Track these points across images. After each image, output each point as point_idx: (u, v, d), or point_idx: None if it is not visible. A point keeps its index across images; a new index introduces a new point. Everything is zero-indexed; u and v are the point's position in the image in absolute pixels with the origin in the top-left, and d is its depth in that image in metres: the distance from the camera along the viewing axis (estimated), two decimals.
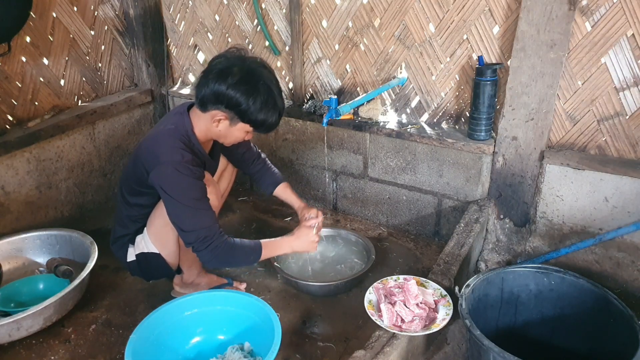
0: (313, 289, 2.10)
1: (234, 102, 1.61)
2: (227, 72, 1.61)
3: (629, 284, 2.08)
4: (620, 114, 1.93)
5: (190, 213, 1.65)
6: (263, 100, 1.63)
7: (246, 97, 1.60)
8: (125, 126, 2.90)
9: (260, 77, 1.63)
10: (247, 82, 1.61)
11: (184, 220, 1.66)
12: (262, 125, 1.70)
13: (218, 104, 1.64)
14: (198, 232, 1.65)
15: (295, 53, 2.56)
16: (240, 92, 1.60)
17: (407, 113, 2.45)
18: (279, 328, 1.58)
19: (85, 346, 1.88)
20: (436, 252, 2.38)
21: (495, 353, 1.39)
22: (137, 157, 1.78)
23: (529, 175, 2.12)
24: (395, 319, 1.62)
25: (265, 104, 1.64)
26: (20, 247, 2.23)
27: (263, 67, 1.67)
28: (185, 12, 2.88)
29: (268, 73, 1.67)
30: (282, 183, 2.14)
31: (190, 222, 1.65)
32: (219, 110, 1.65)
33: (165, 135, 1.72)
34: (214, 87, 1.61)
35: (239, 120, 1.68)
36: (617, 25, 1.81)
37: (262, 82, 1.63)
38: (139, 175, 1.75)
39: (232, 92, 1.60)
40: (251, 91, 1.61)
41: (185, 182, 1.65)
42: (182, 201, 1.64)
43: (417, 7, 2.19)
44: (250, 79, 1.61)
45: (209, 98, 1.64)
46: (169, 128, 1.74)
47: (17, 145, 2.30)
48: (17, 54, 2.37)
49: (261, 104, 1.63)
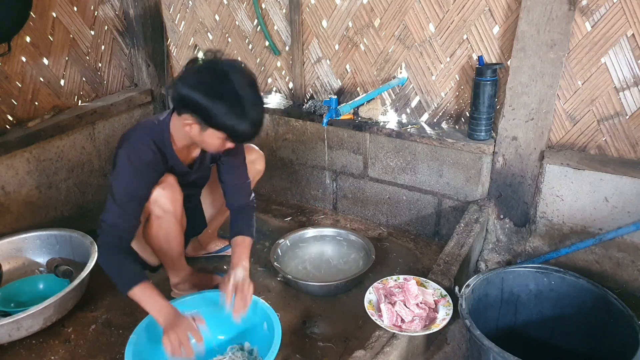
0: (313, 289, 2.10)
1: (199, 106, 1.52)
2: (196, 75, 1.54)
3: (629, 284, 2.08)
4: (620, 114, 1.93)
5: (110, 202, 1.67)
6: (229, 106, 1.52)
7: (212, 102, 1.51)
8: (125, 126, 2.90)
9: (229, 81, 1.52)
10: (214, 87, 1.52)
11: (106, 209, 1.67)
12: (232, 133, 1.58)
13: (186, 108, 1.56)
14: (102, 224, 1.66)
15: (295, 53, 2.56)
16: (207, 96, 1.51)
17: (407, 113, 2.45)
18: (279, 328, 1.58)
19: (85, 346, 1.88)
20: (436, 252, 2.38)
21: (495, 353, 1.39)
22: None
23: (529, 175, 2.12)
24: (395, 319, 1.62)
25: (231, 110, 1.52)
26: (20, 247, 2.23)
27: (237, 71, 1.55)
28: (185, 12, 2.88)
29: (241, 78, 1.55)
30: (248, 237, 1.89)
31: (105, 213, 1.67)
32: (189, 115, 1.58)
33: (141, 127, 1.73)
34: (181, 91, 1.54)
35: (207, 126, 1.57)
36: (617, 25, 1.82)
37: (231, 87, 1.51)
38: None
39: (197, 95, 1.51)
40: (217, 96, 1.51)
41: (126, 172, 1.65)
42: (113, 187, 1.66)
43: (417, 7, 2.19)
44: (217, 83, 1.52)
45: (178, 102, 1.59)
46: (147, 122, 1.75)
47: (17, 145, 2.30)
48: (17, 54, 2.37)
49: (227, 109, 1.52)
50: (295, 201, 2.88)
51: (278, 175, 2.85)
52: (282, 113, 2.66)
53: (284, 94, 2.77)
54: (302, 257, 2.31)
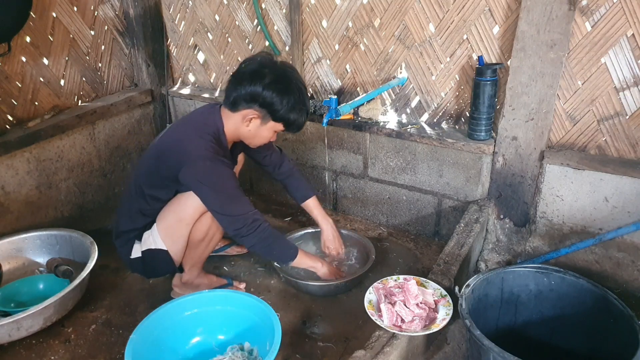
0: (313, 289, 2.10)
1: (269, 101, 1.71)
2: (260, 72, 1.71)
3: (629, 284, 2.08)
4: (620, 114, 1.93)
5: (233, 200, 1.73)
6: (295, 100, 1.74)
7: (280, 97, 1.71)
8: (125, 126, 2.90)
9: (292, 78, 1.75)
10: (281, 82, 1.72)
11: (229, 207, 1.73)
12: (293, 124, 1.80)
13: (252, 102, 1.73)
14: (246, 217, 1.73)
15: (295, 53, 2.56)
16: (276, 91, 1.70)
17: (407, 113, 2.45)
18: (279, 328, 1.58)
19: (85, 346, 1.88)
20: (436, 252, 2.38)
21: (495, 353, 1.39)
22: (162, 150, 1.82)
23: (529, 175, 2.12)
24: (395, 319, 1.62)
25: (297, 104, 1.75)
26: (20, 247, 2.23)
27: (292, 69, 1.79)
28: (185, 12, 2.88)
29: (297, 75, 1.79)
30: (311, 197, 2.21)
31: (236, 208, 1.73)
32: (252, 109, 1.75)
33: (197, 130, 1.79)
34: (249, 87, 1.70)
35: (270, 119, 1.77)
36: (617, 25, 1.81)
37: (294, 83, 1.74)
38: (165, 169, 1.78)
39: (268, 91, 1.70)
40: (285, 91, 1.72)
41: (224, 172, 1.73)
42: (224, 190, 1.72)
43: (417, 7, 2.19)
44: (283, 79, 1.72)
45: (243, 97, 1.73)
46: (199, 124, 1.81)
47: (17, 145, 2.30)
48: (17, 54, 2.37)
49: (293, 103, 1.74)
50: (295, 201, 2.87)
51: None
52: None
53: None
54: None
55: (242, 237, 1.75)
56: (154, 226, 1.88)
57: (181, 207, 1.82)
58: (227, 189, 1.73)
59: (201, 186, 1.71)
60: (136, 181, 1.90)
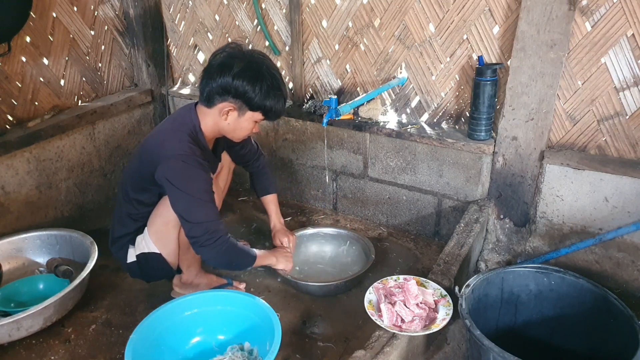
0: (313, 289, 2.10)
1: (241, 90, 1.66)
2: (229, 63, 1.66)
3: (629, 284, 2.08)
4: (620, 114, 1.93)
5: (197, 205, 1.67)
6: (269, 85, 1.68)
7: (252, 84, 1.65)
8: (125, 126, 2.90)
9: (262, 64, 1.68)
10: (251, 69, 1.66)
11: (191, 212, 1.67)
12: (270, 111, 1.74)
13: (225, 95, 1.68)
14: (207, 225, 1.67)
15: (295, 53, 2.56)
16: (246, 79, 1.65)
17: (407, 113, 2.45)
18: (279, 328, 1.58)
19: (85, 346, 1.88)
20: (436, 252, 2.38)
21: (495, 353, 1.39)
22: (143, 152, 1.80)
23: (529, 175, 2.12)
24: (395, 319, 1.62)
25: (271, 89, 1.69)
26: (20, 247, 2.23)
27: (263, 56, 1.73)
28: (185, 12, 2.88)
29: (268, 61, 1.73)
30: (271, 194, 2.23)
31: (199, 214, 1.67)
32: (227, 102, 1.70)
33: (172, 130, 1.76)
34: (219, 80, 1.66)
35: (247, 109, 1.72)
36: (617, 25, 1.81)
37: (265, 68, 1.68)
38: (145, 171, 1.76)
39: (238, 81, 1.65)
40: (256, 77, 1.66)
41: (194, 174, 1.68)
42: (190, 192, 1.66)
43: (417, 7, 2.19)
44: (253, 66, 1.67)
45: (216, 91, 1.68)
46: (176, 123, 1.78)
47: (17, 145, 2.30)
48: (17, 54, 2.37)
49: (267, 89, 1.68)
50: (295, 201, 2.88)
51: (278, 175, 2.85)
52: None
53: None
54: (302, 257, 2.31)
55: (199, 246, 1.68)
56: (145, 230, 1.88)
57: (166, 209, 1.78)
58: (193, 191, 1.65)
59: (170, 185, 1.66)
60: (123, 185, 1.90)
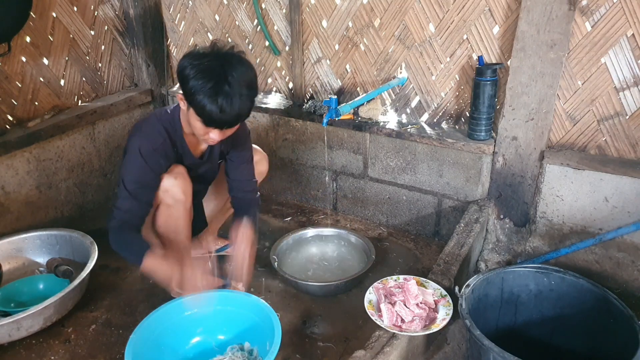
0: (313, 289, 2.10)
1: (185, 79, 1.53)
2: (197, 53, 1.56)
3: (629, 284, 2.08)
4: (620, 114, 1.93)
5: (121, 190, 1.70)
6: (205, 83, 1.49)
7: (194, 77, 1.50)
8: (125, 126, 2.90)
9: (222, 65, 1.52)
10: (203, 64, 1.52)
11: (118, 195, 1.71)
12: (201, 112, 1.53)
13: (180, 82, 1.58)
14: (115, 211, 1.70)
15: (295, 53, 2.56)
16: (194, 70, 1.51)
17: (407, 113, 2.45)
18: (279, 328, 1.58)
19: (85, 346, 1.88)
20: (436, 252, 2.38)
21: (495, 353, 1.39)
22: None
23: (529, 175, 2.12)
24: (395, 319, 1.62)
25: (205, 87, 1.50)
26: (20, 247, 2.23)
27: (237, 61, 1.56)
28: (185, 12, 2.88)
29: (238, 67, 1.54)
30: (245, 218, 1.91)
31: (119, 198, 1.71)
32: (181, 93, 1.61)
33: (153, 115, 1.77)
34: (180, 62, 1.56)
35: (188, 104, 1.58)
36: (617, 25, 1.81)
37: (220, 70, 1.51)
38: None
39: (188, 69, 1.52)
40: (202, 72, 1.50)
41: (136, 161, 1.69)
42: (123, 176, 1.70)
43: (417, 7, 2.19)
44: (210, 62, 1.52)
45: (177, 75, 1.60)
46: (159, 111, 1.79)
47: (17, 145, 2.30)
48: (17, 54, 2.37)
49: (203, 85, 1.50)
50: (295, 201, 2.88)
51: (278, 175, 2.85)
52: (282, 113, 2.66)
53: (284, 94, 2.77)
54: (302, 258, 2.31)
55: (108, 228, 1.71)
56: None
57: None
58: (124, 176, 1.69)
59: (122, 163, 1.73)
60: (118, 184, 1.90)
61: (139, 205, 1.72)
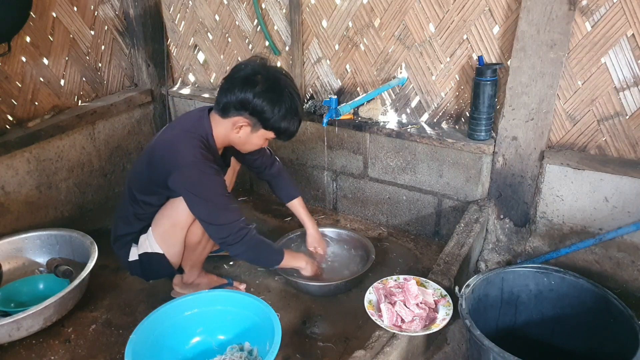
0: (313, 289, 2.10)
1: (259, 109, 1.67)
2: (252, 79, 1.66)
3: (629, 284, 2.08)
4: (620, 114, 1.93)
5: (220, 208, 1.70)
6: (287, 108, 1.69)
7: (272, 105, 1.66)
8: (125, 126, 2.90)
9: (285, 85, 1.69)
10: (273, 90, 1.67)
11: (215, 216, 1.70)
12: (284, 133, 1.76)
13: (242, 110, 1.69)
14: (232, 226, 1.70)
15: (295, 53, 2.56)
16: (267, 99, 1.66)
17: (407, 113, 2.45)
18: (279, 328, 1.58)
19: (85, 346, 1.88)
20: (436, 252, 2.38)
21: (495, 353, 1.39)
22: (152, 156, 1.78)
23: (529, 175, 2.12)
24: (395, 319, 1.62)
25: (289, 112, 1.70)
26: (20, 247, 2.23)
27: (285, 76, 1.74)
28: (185, 12, 2.88)
29: (291, 82, 1.74)
30: (296, 198, 2.20)
31: (222, 217, 1.70)
32: (242, 117, 1.70)
33: (185, 137, 1.74)
34: (240, 94, 1.66)
35: (261, 127, 1.73)
36: (617, 25, 1.81)
37: (287, 91, 1.69)
38: (155, 175, 1.76)
39: (259, 100, 1.65)
40: (277, 99, 1.67)
41: (210, 180, 1.70)
42: (211, 199, 1.69)
43: (417, 7, 2.19)
44: (276, 87, 1.67)
45: (233, 104, 1.69)
46: (188, 129, 1.76)
47: (17, 145, 2.30)
48: (17, 54, 2.37)
49: (285, 111, 1.69)
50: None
51: None
52: None
53: None
54: None
55: (228, 245, 1.72)
56: (149, 230, 1.87)
57: (175, 211, 1.80)
58: (213, 197, 1.69)
59: (188, 194, 1.68)
60: (129, 186, 1.90)
61: (237, 208, 1.75)
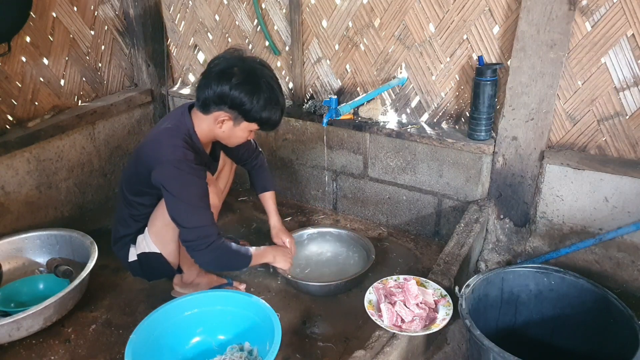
0: (313, 289, 2.10)
1: (238, 101, 1.64)
2: (228, 72, 1.63)
3: (629, 284, 2.08)
4: (620, 114, 1.93)
5: (191, 210, 1.66)
6: (266, 98, 1.66)
7: (250, 96, 1.63)
8: (125, 126, 2.90)
9: (261, 75, 1.66)
10: (250, 82, 1.63)
11: (184, 217, 1.67)
12: (266, 123, 1.73)
13: (221, 104, 1.66)
14: (199, 230, 1.66)
15: (295, 53, 2.56)
16: (244, 91, 1.63)
17: (407, 113, 2.45)
18: (279, 328, 1.58)
19: (85, 346, 1.88)
20: (436, 252, 2.38)
21: (495, 353, 1.39)
22: (138, 157, 1.79)
23: (529, 175, 2.12)
24: (395, 319, 1.62)
25: (269, 102, 1.67)
26: (20, 247, 2.23)
27: (262, 65, 1.70)
28: (185, 12, 2.88)
29: (268, 71, 1.70)
30: (269, 191, 2.21)
31: (192, 219, 1.66)
32: (222, 111, 1.68)
33: (166, 135, 1.73)
34: (217, 89, 1.63)
35: (242, 120, 1.70)
36: (617, 25, 1.81)
37: (264, 80, 1.66)
38: (141, 175, 1.75)
39: (236, 92, 1.62)
40: (254, 90, 1.64)
41: (187, 180, 1.66)
42: (184, 199, 1.65)
43: (417, 7, 2.19)
44: (252, 78, 1.64)
45: (212, 99, 1.66)
46: (170, 127, 1.75)
47: (17, 145, 2.30)
48: (17, 54, 2.37)
49: (264, 101, 1.66)
50: (295, 201, 2.88)
51: (278, 175, 2.85)
52: None
53: (284, 94, 2.76)
54: (302, 257, 2.31)
55: (192, 250, 1.68)
56: (146, 230, 1.88)
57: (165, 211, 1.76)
58: (187, 197, 1.65)
59: (165, 191, 1.66)
60: (121, 188, 1.90)
61: (210, 213, 1.71)
